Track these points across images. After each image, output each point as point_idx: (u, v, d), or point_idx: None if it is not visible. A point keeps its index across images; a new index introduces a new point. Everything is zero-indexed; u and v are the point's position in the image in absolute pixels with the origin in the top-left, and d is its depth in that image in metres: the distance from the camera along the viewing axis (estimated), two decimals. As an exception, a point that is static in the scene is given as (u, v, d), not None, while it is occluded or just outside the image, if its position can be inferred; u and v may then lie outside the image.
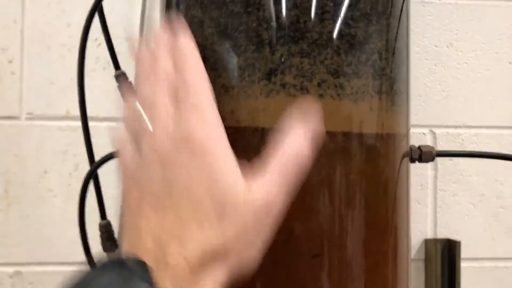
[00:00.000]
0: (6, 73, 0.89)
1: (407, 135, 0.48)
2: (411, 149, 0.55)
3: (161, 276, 0.33)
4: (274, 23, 0.42)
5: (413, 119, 0.89)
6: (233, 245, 0.35)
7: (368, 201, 0.44)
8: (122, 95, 0.45)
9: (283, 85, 0.42)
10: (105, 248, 0.63)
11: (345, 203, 0.44)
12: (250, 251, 0.37)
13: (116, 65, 0.62)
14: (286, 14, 0.42)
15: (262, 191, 0.36)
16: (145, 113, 0.38)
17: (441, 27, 0.96)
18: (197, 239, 0.34)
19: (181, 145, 0.36)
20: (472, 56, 0.97)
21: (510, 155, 0.82)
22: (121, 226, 0.42)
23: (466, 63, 0.96)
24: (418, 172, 0.94)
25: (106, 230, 0.63)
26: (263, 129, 0.42)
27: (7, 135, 0.89)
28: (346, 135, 0.43)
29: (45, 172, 0.89)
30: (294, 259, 0.44)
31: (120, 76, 0.60)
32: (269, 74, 0.42)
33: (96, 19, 0.67)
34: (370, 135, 0.44)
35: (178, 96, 0.37)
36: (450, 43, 0.96)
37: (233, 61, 0.42)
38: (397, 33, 0.46)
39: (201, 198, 0.35)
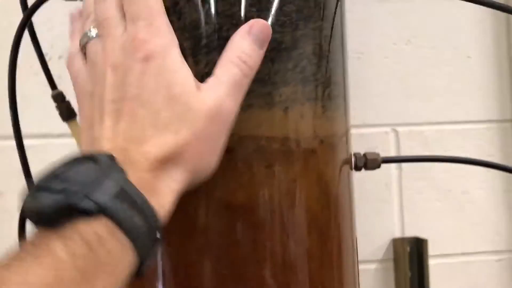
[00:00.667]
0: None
1: (346, 139, 0.47)
2: (355, 156, 0.54)
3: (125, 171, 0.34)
4: (196, 32, 0.40)
5: (374, 118, 0.88)
6: (189, 148, 0.37)
7: (306, 207, 0.43)
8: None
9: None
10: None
11: (284, 208, 0.42)
12: (207, 156, 0.38)
13: (52, 85, 0.59)
14: (208, 22, 0.41)
15: (213, 96, 0.38)
16: (96, 25, 0.40)
17: (398, 25, 0.95)
18: (155, 141, 0.36)
19: (133, 54, 0.37)
20: (431, 52, 0.96)
21: (463, 158, 0.81)
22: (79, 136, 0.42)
23: (425, 59, 0.95)
24: (382, 171, 0.93)
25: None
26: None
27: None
28: (280, 141, 0.41)
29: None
30: (237, 264, 0.42)
31: (58, 96, 0.57)
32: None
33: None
34: (303, 142, 0.42)
35: (127, 10, 0.38)
36: (409, 40, 0.95)
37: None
38: (330, 36, 0.44)
39: (156, 103, 0.36)
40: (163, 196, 0.36)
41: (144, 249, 0.34)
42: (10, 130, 0.85)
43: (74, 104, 0.53)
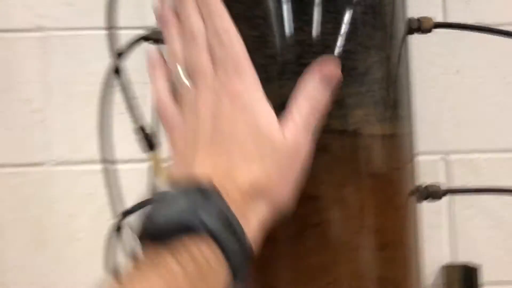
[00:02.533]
0: (31, 122, 0.92)
1: (411, 162, 0.48)
2: (418, 189, 0.55)
3: None
4: (280, 59, 0.44)
5: (424, 146, 0.88)
6: (273, 182, 0.40)
7: (375, 232, 0.44)
8: (155, 58, 0.48)
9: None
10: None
11: (353, 230, 0.44)
12: (286, 189, 0.41)
13: (135, 119, 0.64)
14: (290, 50, 0.44)
15: (291, 134, 0.41)
16: (187, 74, 0.43)
17: (447, 54, 0.96)
18: (246, 174, 0.39)
19: (227, 100, 0.41)
20: (480, 81, 0.96)
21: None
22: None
23: (474, 88, 0.96)
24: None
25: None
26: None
27: (34, 182, 0.91)
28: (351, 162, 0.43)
29: (70, 215, 0.90)
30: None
31: (140, 129, 0.63)
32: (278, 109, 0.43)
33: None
34: (373, 160, 0.44)
35: (216, 55, 0.42)
36: (457, 70, 0.96)
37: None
38: (398, 63, 0.46)
39: (246, 142, 0.40)
40: (251, 226, 0.39)
41: (238, 271, 0.37)
42: (81, 157, 0.90)
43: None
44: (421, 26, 0.56)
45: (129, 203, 0.76)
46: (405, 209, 0.47)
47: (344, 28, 0.44)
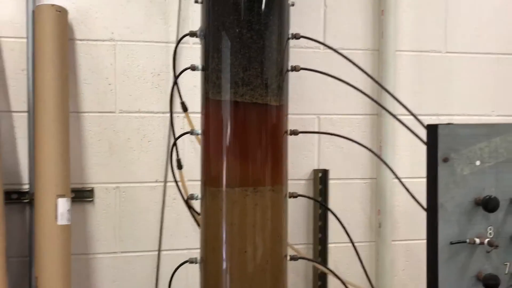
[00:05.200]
0: (107, 90, 1.69)
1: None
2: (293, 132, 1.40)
3: None
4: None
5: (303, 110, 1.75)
6: None
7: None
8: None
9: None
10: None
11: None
12: None
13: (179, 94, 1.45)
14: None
15: None
16: None
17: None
18: None
19: None
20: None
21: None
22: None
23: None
24: (308, 139, 1.81)
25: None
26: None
27: (108, 121, 1.70)
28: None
29: (128, 139, 1.71)
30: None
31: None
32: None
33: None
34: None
35: None
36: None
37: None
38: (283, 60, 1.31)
39: None
40: None
41: None
42: (133, 108, 1.69)
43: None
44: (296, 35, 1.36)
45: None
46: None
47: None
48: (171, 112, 1.60)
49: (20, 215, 1.63)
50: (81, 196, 1.67)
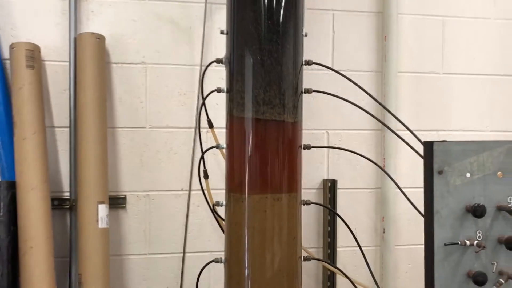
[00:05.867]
0: (138, 107, 1.88)
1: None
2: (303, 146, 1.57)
3: None
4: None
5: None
6: None
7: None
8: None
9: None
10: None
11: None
12: None
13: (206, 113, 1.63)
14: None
15: None
16: None
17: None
18: None
19: None
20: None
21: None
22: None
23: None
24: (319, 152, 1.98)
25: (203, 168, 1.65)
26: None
27: (139, 136, 1.88)
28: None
29: (157, 151, 1.89)
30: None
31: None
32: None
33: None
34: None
35: None
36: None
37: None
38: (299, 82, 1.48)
39: None
40: None
41: None
42: (168, 124, 1.87)
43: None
44: (308, 62, 1.55)
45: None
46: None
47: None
48: (199, 128, 1.77)
49: (61, 219, 1.80)
50: (116, 203, 1.84)
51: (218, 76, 1.77)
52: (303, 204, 1.56)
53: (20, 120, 1.63)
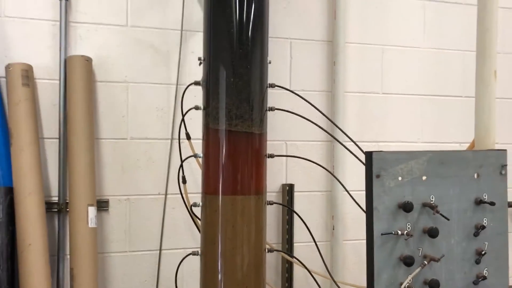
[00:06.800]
0: (120, 120, 2.09)
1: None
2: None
3: None
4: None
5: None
6: None
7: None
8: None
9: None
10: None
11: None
12: None
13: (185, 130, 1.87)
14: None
15: None
16: None
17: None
18: None
19: None
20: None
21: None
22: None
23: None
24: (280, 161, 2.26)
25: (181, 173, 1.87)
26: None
27: (121, 146, 2.10)
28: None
29: (137, 160, 2.11)
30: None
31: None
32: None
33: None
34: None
35: None
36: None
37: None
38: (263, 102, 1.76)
39: None
40: None
41: None
42: (142, 135, 2.10)
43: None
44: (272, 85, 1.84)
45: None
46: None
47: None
48: (179, 139, 2.00)
49: (49, 221, 1.98)
50: (99, 206, 2.04)
51: (192, 94, 2.01)
52: (268, 204, 1.83)
53: (17, 132, 1.81)
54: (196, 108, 1.78)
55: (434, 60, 2.50)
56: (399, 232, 1.56)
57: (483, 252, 1.62)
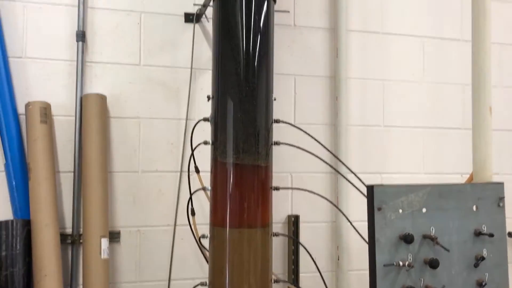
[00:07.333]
0: (132, 154, 2.17)
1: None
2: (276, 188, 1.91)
3: None
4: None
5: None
6: None
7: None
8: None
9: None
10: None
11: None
12: None
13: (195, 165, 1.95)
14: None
15: None
16: None
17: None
18: None
19: None
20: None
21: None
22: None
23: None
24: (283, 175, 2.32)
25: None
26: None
27: (133, 179, 2.17)
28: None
29: (148, 192, 2.18)
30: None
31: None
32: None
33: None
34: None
35: None
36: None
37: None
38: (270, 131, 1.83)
39: None
40: None
41: None
42: (152, 168, 2.17)
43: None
44: (277, 120, 1.89)
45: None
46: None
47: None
48: (189, 172, 2.08)
49: (63, 252, 2.04)
50: (111, 237, 2.10)
51: (201, 129, 2.09)
52: (273, 236, 1.89)
53: (35, 167, 1.89)
54: (205, 143, 1.86)
55: (434, 94, 2.57)
56: (401, 263, 1.60)
57: (483, 283, 1.65)
